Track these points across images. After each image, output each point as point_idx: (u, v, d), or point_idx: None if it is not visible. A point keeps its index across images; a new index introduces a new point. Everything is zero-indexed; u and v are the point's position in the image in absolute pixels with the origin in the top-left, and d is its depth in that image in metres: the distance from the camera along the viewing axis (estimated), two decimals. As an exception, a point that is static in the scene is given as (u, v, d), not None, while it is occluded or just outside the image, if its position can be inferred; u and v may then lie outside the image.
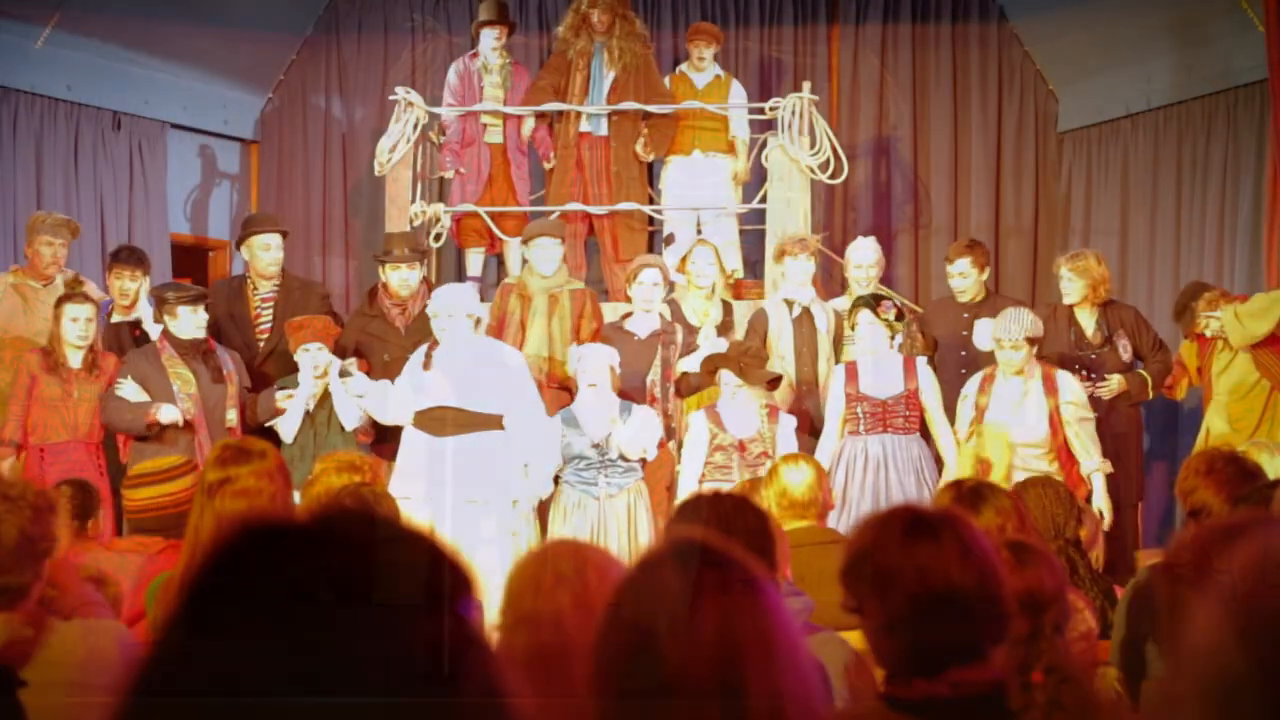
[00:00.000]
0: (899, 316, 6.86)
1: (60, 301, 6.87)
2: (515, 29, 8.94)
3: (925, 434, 6.91)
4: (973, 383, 6.91)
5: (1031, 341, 6.66)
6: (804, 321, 7.43)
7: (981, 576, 2.06)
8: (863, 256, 7.77)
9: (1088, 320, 7.44)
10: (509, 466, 6.52)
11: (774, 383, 6.84)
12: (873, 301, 6.89)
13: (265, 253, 7.57)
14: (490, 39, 8.57)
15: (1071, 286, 7.40)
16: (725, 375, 6.65)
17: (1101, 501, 6.55)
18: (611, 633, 1.61)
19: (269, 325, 7.53)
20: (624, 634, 1.59)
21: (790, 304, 7.46)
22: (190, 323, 6.89)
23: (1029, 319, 6.68)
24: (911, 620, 2.05)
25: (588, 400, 6.62)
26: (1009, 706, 2.07)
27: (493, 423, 6.54)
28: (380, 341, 7.29)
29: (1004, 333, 6.64)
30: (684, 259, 7.73)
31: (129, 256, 7.47)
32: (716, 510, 2.94)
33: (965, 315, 7.60)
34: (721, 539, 1.70)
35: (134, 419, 6.73)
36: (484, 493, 6.49)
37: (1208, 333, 7.22)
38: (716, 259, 7.59)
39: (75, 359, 6.83)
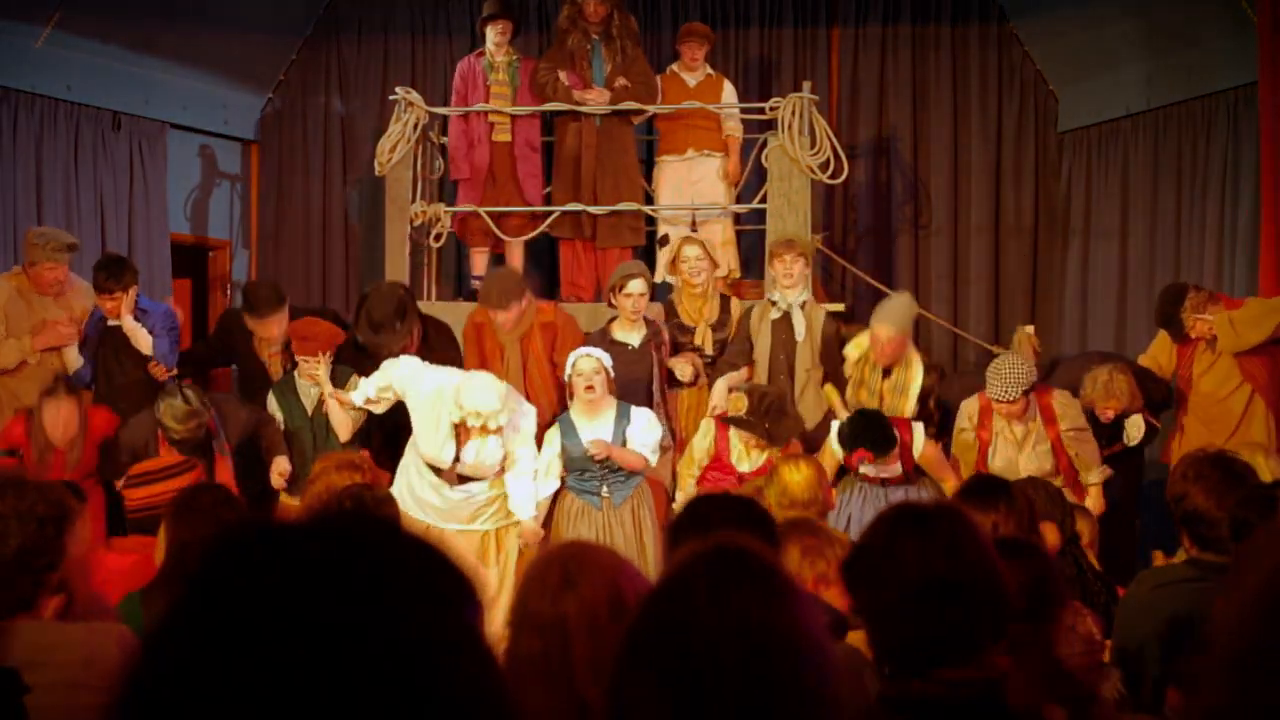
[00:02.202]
0: (879, 448, 6.47)
1: (42, 396, 6.67)
2: (520, 25, 8.90)
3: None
4: (969, 414, 6.86)
5: (1026, 393, 6.62)
6: (782, 326, 7.36)
7: (974, 572, 2.06)
8: (879, 330, 7.06)
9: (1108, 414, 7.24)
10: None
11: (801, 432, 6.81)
12: (846, 443, 6.48)
13: (263, 330, 7.27)
14: (494, 35, 8.55)
15: (1112, 409, 7.10)
16: (746, 436, 6.57)
17: (1094, 504, 6.56)
18: (642, 633, 1.61)
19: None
20: (654, 636, 1.59)
21: (773, 306, 7.41)
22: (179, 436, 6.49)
23: (1022, 372, 6.63)
24: (900, 613, 2.06)
25: (583, 406, 6.60)
26: (1006, 708, 2.07)
27: (499, 471, 6.59)
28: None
29: (1000, 393, 6.60)
30: (674, 260, 7.67)
31: (106, 279, 7.13)
32: (723, 510, 2.95)
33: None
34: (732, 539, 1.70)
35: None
36: (486, 524, 6.60)
37: (1194, 334, 7.20)
38: (706, 255, 7.53)
39: (59, 443, 6.68)
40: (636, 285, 7.15)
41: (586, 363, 6.56)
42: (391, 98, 8.51)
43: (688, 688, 1.53)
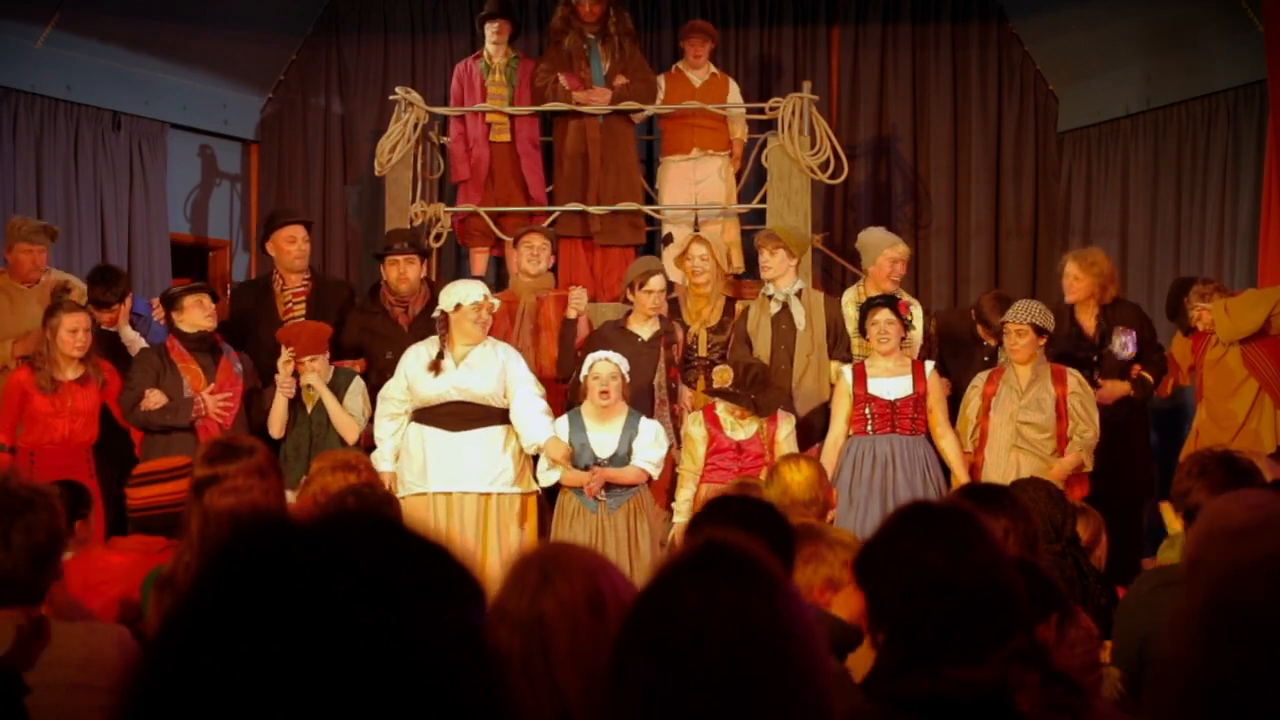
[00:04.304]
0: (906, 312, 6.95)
1: (54, 310, 6.70)
2: (519, 26, 8.88)
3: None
4: (981, 375, 7.04)
5: (1038, 330, 6.74)
6: (782, 319, 7.39)
7: (978, 575, 2.07)
8: (897, 251, 7.71)
9: (1088, 319, 7.50)
10: (518, 455, 6.68)
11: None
12: (892, 300, 6.94)
13: (291, 245, 7.53)
14: (491, 34, 8.55)
15: (1078, 285, 7.45)
16: (731, 407, 6.67)
17: (1063, 463, 6.61)
18: (631, 636, 1.63)
19: (301, 320, 7.50)
20: (644, 637, 1.61)
21: (770, 301, 7.43)
22: (198, 313, 6.82)
23: (1039, 309, 6.87)
24: (899, 609, 2.07)
25: (596, 410, 6.62)
26: (1014, 710, 2.07)
27: (502, 416, 6.64)
28: (382, 340, 7.28)
29: (1013, 315, 6.84)
30: (682, 254, 7.69)
31: (104, 292, 7.09)
32: (743, 514, 2.96)
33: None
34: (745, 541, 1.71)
35: (176, 418, 6.70)
36: (495, 484, 6.63)
37: (1200, 326, 7.24)
38: (712, 255, 7.54)
39: (69, 371, 6.70)
40: (657, 282, 7.20)
41: (604, 366, 6.57)
42: (391, 98, 8.51)
43: (674, 679, 1.55)
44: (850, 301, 7.60)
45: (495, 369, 6.60)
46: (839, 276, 9.58)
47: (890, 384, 6.78)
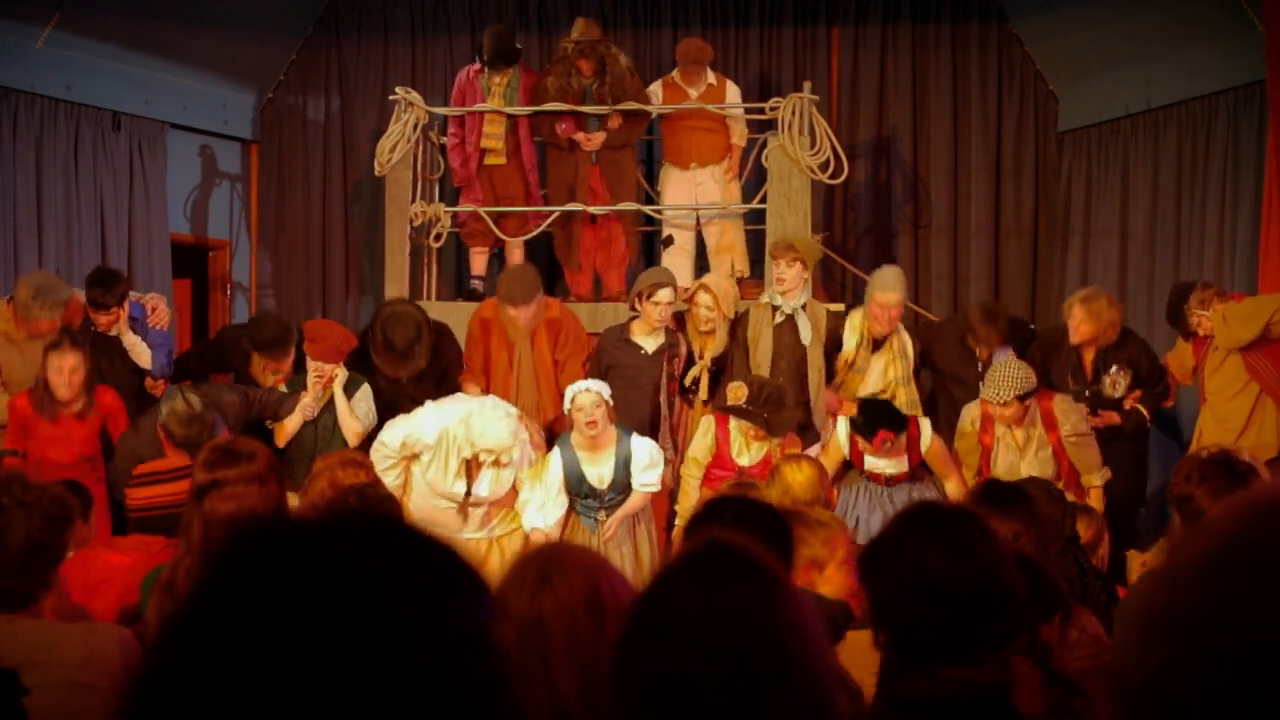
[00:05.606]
0: (897, 426, 6.56)
1: (48, 348, 6.60)
2: (519, 58, 8.62)
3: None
4: (972, 418, 6.84)
5: (1022, 398, 6.55)
6: (785, 330, 7.31)
7: (978, 577, 2.07)
8: (886, 297, 7.33)
9: (1088, 353, 7.44)
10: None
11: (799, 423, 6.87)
12: (865, 429, 6.53)
13: (274, 375, 7.10)
14: (494, 74, 8.43)
15: (1083, 329, 7.33)
16: (744, 425, 6.56)
17: (1096, 506, 6.54)
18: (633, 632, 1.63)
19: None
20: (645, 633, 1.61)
21: (774, 310, 7.35)
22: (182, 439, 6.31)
23: (1019, 377, 6.56)
24: (897, 609, 2.08)
25: (585, 441, 6.45)
26: (1014, 711, 2.07)
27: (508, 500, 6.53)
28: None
29: (994, 395, 6.56)
30: (690, 297, 7.55)
31: (103, 295, 6.93)
32: (739, 514, 2.96)
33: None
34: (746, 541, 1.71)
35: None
36: (494, 531, 6.53)
37: (1201, 332, 7.24)
38: (717, 305, 7.39)
39: (63, 408, 6.62)
40: (665, 294, 7.10)
41: (586, 397, 6.39)
42: (391, 98, 8.51)
43: (675, 680, 1.55)
44: (853, 329, 7.38)
45: (512, 476, 6.38)
46: (839, 277, 9.59)
47: (885, 462, 6.64)
